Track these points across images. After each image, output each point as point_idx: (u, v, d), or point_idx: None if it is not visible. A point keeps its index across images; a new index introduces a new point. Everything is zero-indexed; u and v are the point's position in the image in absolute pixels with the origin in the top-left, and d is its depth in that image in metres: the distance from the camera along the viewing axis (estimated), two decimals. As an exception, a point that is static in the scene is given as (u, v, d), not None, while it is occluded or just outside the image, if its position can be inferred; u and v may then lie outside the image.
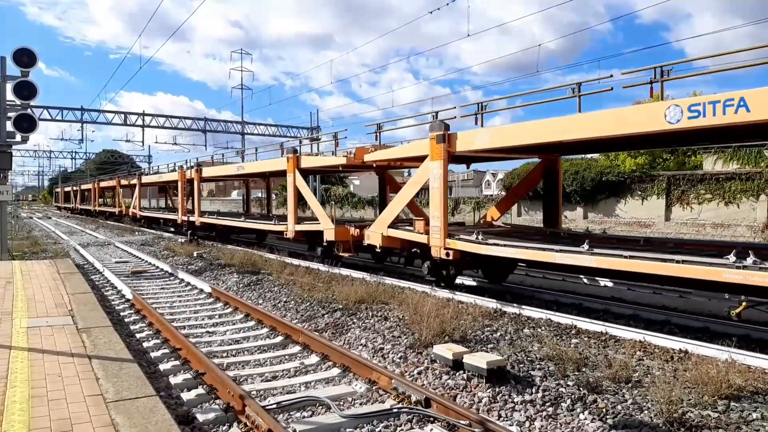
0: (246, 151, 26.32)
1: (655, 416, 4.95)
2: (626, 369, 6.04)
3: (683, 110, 6.91)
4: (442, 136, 10.41)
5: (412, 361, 6.70)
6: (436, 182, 10.60)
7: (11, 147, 14.08)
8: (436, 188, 10.61)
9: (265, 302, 10.71)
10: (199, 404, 5.51)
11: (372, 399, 5.67)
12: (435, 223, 10.60)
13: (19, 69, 13.17)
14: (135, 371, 4.85)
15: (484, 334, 7.70)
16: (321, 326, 8.60)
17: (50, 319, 6.86)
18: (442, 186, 10.54)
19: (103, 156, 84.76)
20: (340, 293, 10.11)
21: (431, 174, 10.68)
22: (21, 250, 18.85)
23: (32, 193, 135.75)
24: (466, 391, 5.69)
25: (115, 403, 4.08)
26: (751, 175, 24.82)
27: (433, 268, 11.32)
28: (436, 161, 10.57)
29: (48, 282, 9.84)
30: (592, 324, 8.13)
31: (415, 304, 8.47)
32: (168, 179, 31.34)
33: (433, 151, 10.61)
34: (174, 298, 11.51)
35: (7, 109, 13.58)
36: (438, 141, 10.45)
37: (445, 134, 10.39)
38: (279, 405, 5.37)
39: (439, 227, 10.52)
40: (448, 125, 10.48)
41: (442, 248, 10.41)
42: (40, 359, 5.19)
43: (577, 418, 5.01)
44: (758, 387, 5.56)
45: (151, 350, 7.41)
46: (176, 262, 16.58)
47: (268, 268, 14.18)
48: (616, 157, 31.44)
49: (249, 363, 7.02)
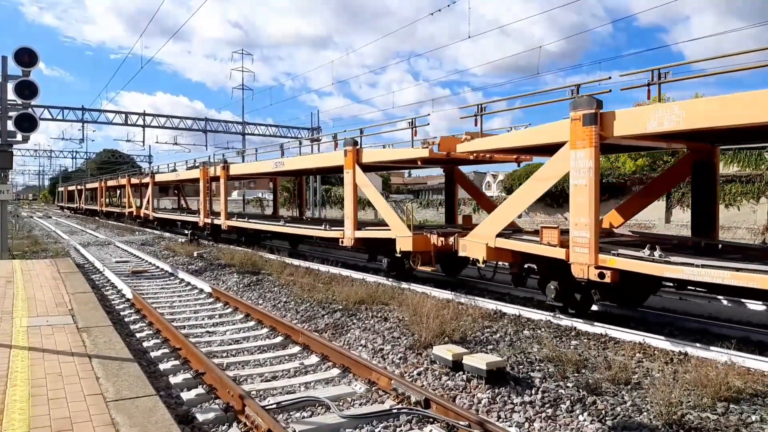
0: (286, 146, 23.23)
1: (655, 418, 4.96)
2: (626, 371, 6.04)
3: None
4: (592, 116, 7.81)
5: (411, 361, 6.71)
6: (581, 178, 8.01)
7: (12, 146, 14.12)
8: (582, 185, 8.01)
9: (265, 302, 10.72)
10: (198, 404, 5.51)
11: (371, 399, 5.67)
12: (581, 234, 8.00)
13: (20, 68, 13.20)
14: (135, 371, 4.86)
15: (483, 336, 7.71)
16: (321, 327, 8.61)
17: (50, 319, 6.87)
18: (592, 183, 7.89)
19: (104, 156, 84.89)
20: (340, 294, 10.11)
21: (573, 166, 8.11)
22: (21, 250, 18.86)
23: (33, 192, 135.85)
24: (466, 392, 5.69)
25: (115, 403, 4.09)
26: (752, 178, 24.83)
27: (565, 290, 8.85)
28: (581, 149, 7.98)
29: (48, 281, 9.85)
30: (591, 326, 8.14)
31: (414, 305, 8.48)
32: (187, 177, 28.48)
33: (576, 135, 8.05)
34: (174, 297, 11.51)
35: (9, 109, 13.60)
36: (585, 122, 7.93)
37: (597, 113, 7.80)
38: (279, 405, 5.38)
39: (587, 239, 7.91)
40: (600, 101, 7.92)
41: (591, 266, 7.84)
42: (41, 358, 5.20)
43: (577, 419, 5.01)
44: (757, 389, 5.56)
45: (151, 350, 7.42)
46: (176, 262, 16.59)
47: (268, 269, 14.18)
48: (617, 159, 31.45)
49: (249, 363, 7.02)
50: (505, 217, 9.67)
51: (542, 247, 8.69)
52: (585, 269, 7.99)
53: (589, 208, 8.01)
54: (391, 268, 12.77)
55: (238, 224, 21.03)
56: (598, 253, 7.88)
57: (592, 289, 8.45)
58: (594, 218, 7.96)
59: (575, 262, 8.10)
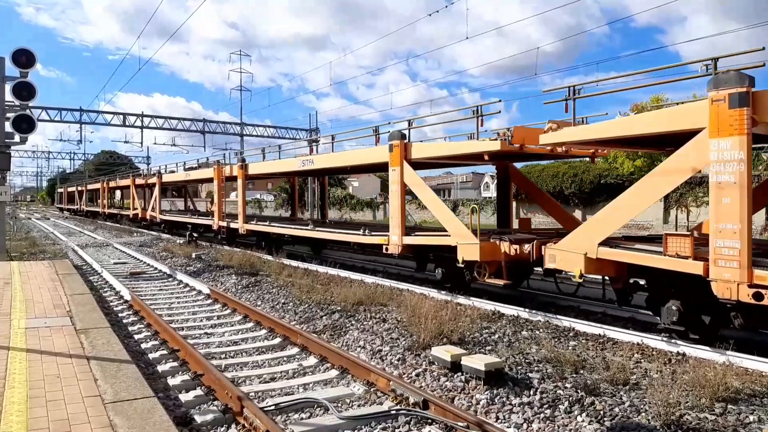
0: (320, 141, 21.53)
1: (653, 419, 4.97)
2: (624, 371, 6.05)
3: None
4: (741, 96, 6.33)
5: (410, 362, 6.71)
6: (727, 173, 6.50)
7: (10, 147, 14.08)
8: (729, 183, 6.48)
9: (263, 304, 10.72)
10: (197, 405, 5.50)
11: (370, 401, 5.67)
12: (727, 244, 6.45)
13: (17, 69, 13.18)
14: (133, 372, 4.85)
15: (482, 336, 7.71)
16: (319, 328, 8.61)
17: (48, 320, 6.86)
18: (742, 180, 6.39)
19: (102, 157, 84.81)
20: (339, 295, 10.11)
21: (716, 159, 6.60)
22: (19, 251, 18.83)
23: (30, 193, 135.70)
24: (464, 393, 5.70)
25: (114, 404, 4.08)
26: (750, 178, 24.88)
27: (689, 311, 7.36)
28: (726, 138, 6.47)
29: (46, 283, 9.84)
30: (590, 326, 8.14)
31: (413, 306, 8.48)
32: (198, 177, 26.93)
33: (719, 120, 6.55)
34: (172, 299, 11.50)
35: (6, 110, 13.58)
36: (733, 104, 6.42)
37: (748, 92, 6.30)
38: (277, 406, 5.38)
39: (736, 250, 6.36)
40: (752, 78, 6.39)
41: (742, 285, 6.34)
42: (39, 360, 5.19)
43: (575, 420, 5.02)
44: (755, 390, 5.58)
45: (149, 351, 7.41)
46: (175, 264, 16.58)
47: (266, 270, 14.18)
48: (615, 160, 31.53)
49: (247, 364, 7.02)
50: (613, 221, 8.14)
51: (668, 259, 7.12)
52: (732, 288, 6.47)
53: (740, 212, 6.39)
54: (447, 280, 11.19)
55: (258, 228, 19.28)
56: (752, 268, 6.30)
57: (733, 312, 6.92)
58: (746, 225, 6.42)
59: (718, 279, 6.54)
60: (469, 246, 9.82)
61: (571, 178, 29.68)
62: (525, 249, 9.27)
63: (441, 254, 11.11)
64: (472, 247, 9.73)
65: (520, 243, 9.40)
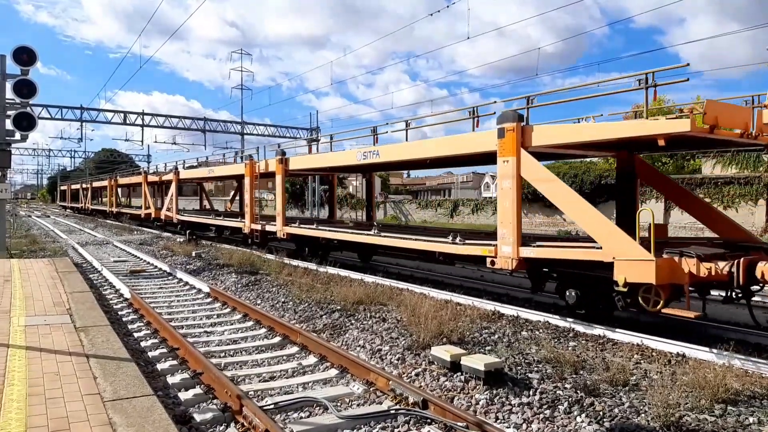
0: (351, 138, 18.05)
1: (652, 420, 4.96)
2: (624, 372, 6.04)
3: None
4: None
5: (409, 362, 6.70)
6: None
7: (10, 145, 14.09)
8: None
9: (263, 302, 10.71)
10: (196, 404, 5.50)
11: (370, 400, 5.67)
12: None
13: (18, 67, 13.19)
14: (133, 370, 4.85)
15: (482, 336, 7.71)
16: (319, 327, 8.60)
17: (48, 318, 6.86)
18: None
19: (102, 155, 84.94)
20: (339, 294, 10.11)
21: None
22: (19, 249, 18.83)
23: (31, 191, 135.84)
24: (464, 392, 5.69)
25: (113, 403, 4.08)
26: (750, 180, 24.91)
27: None
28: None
29: (46, 280, 9.84)
30: (590, 327, 8.14)
31: (413, 306, 8.47)
32: (225, 174, 24.23)
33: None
34: (172, 297, 11.50)
35: (7, 108, 13.59)
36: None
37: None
38: (276, 405, 5.38)
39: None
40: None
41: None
42: (38, 358, 5.19)
43: (574, 420, 5.02)
44: (755, 391, 5.57)
45: (149, 349, 7.41)
46: (175, 262, 16.57)
47: (266, 269, 14.17)
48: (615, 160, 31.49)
49: (247, 363, 7.02)
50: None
51: None
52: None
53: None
54: (582, 306, 8.61)
55: (303, 232, 16.24)
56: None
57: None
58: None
59: None
60: (637, 264, 7.20)
61: (571, 178, 29.64)
62: (722, 268, 7.02)
63: (576, 271, 8.51)
64: (643, 266, 7.11)
65: (713, 260, 7.15)
